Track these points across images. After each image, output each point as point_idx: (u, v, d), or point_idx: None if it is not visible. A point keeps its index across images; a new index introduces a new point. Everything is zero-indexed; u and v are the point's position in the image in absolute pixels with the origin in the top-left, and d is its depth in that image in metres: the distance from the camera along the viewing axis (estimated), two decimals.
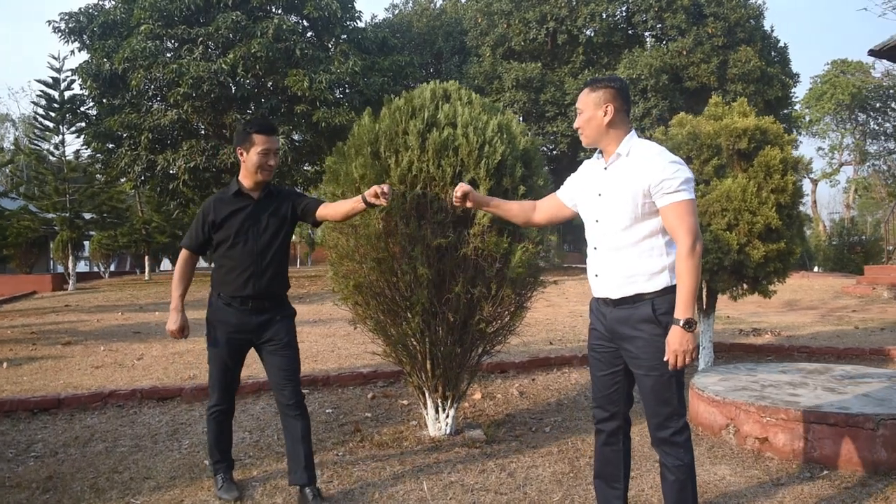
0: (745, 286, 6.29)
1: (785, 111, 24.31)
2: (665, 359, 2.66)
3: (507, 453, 4.27)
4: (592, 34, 23.13)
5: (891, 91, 42.21)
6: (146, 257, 26.41)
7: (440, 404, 4.52)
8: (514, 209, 3.21)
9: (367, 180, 4.05)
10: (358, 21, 21.68)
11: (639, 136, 2.87)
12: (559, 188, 3.21)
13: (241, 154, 3.42)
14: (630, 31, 24.30)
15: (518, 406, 5.45)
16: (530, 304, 4.55)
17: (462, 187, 3.00)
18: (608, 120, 2.79)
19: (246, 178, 3.47)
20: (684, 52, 21.46)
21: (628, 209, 2.73)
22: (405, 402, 5.43)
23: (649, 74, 20.90)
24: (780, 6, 75.51)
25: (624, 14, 23.72)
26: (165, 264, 37.89)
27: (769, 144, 6.09)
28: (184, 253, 3.55)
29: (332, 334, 9.00)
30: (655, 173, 2.66)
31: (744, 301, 7.42)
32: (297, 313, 3.66)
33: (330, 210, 3.48)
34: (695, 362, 6.33)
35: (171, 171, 18.58)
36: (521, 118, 22.08)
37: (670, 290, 2.74)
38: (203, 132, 19.55)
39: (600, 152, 2.92)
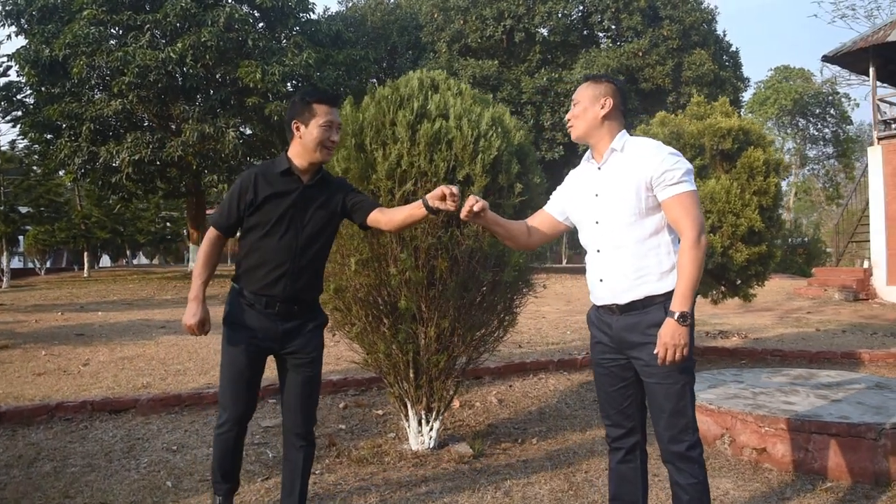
0: (724, 289, 6.16)
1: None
2: (655, 352, 2.49)
3: (498, 469, 3.99)
4: (549, 33, 23.06)
5: (830, 97, 43.50)
6: (85, 253, 25.33)
7: (424, 416, 4.22)
8: (515, 230, 2.92)
9: (352, 175, 3.73)
10: (311, 13, 21.17)
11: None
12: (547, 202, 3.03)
13: (298, 128, 2.85)
14: (585, 32, 24.34)
15: (499, 415, 5.18)
16: (520, 310, 4.29)
17: (480, 201, 2.66)
18: (605, 113, 2.67)
19: (299, 157, 2.88)
20: (640, 54, 21.57)
21: (630, 205, 2.57)
22: (380, 411, 5.11)
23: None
24: (731, 11, 77.32)
25: (580, 14, 23.72)
26: (105, 261, 36.62)
27: (752, 145, 5.97)
28: (211, 232, 2.93)
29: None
30: (656, 165, 2.53)
31: (699, 302, 7.32)
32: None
33: (385, 217, 2.89)
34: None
35: (113, 164, 17.72)
36: None
37: None
38: (148, 124, 18.75)
39: (590, 155, 2.78)
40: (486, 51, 23.52)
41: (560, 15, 22.90)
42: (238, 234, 2.97)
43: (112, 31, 17.84)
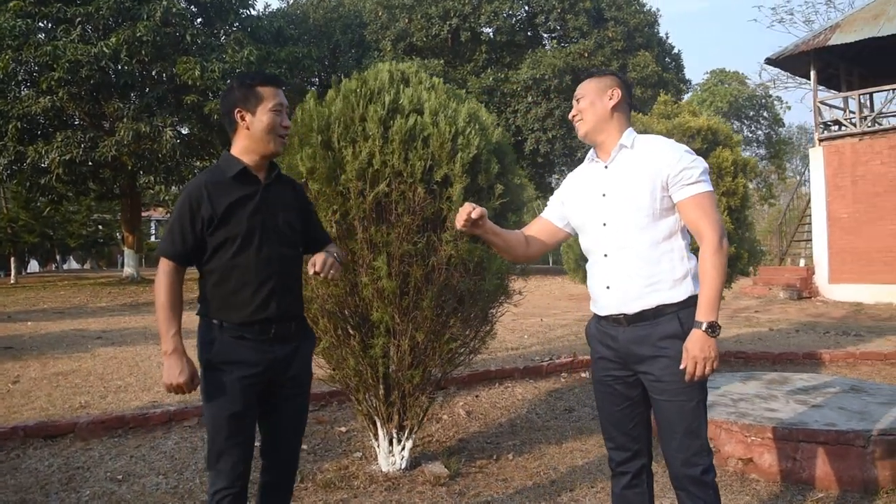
0: None
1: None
2: (682, 366, 2.26)
3: (478, 490, 3.72)
4: (495, 33, 22.95)
5: (763, 100, 44.81)
6: (11, 259, 24.06)
7: (395, 435, 3.91)
8: (513, 241, 2.66)
9: (318, 175, 3.41)
10: (252, 9, 20.55)
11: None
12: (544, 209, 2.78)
13: (242, 116, 2.40)
14: (530, 33, 24.32)
15: (468, 429, 4.91)
16: (496, 320, 4.03)
17: (478, 208, 2.41)
18: (614, 104, 2.46)
19: (249, 152, 2.43)
20: (586, 55, 21.64)
21: (644, 205, 2.36)
22: (343, 428, 4.78)
23: (553, 75, 20.92)
24: (672, 14, 78.98)
25: (526, 14, 23.69)
26: (33, 266, 34.99)
27: (720, 145, 5.85)
28: (165, 266, 2.36)
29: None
30: (673, 163, 2.34)
31: None
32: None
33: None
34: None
35: (42, 165, 16.77)
36: None
37: (694, 302, 2.35)
38: (80, 122, 17.82)
39: (593, 154, 2.57)
40: (431, 50, 23.28)
41: (506, 15, 22.81)
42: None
43: (40, 24, 16.87)
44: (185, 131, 19.11)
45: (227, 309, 2.38)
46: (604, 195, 2.46)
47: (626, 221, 2.39)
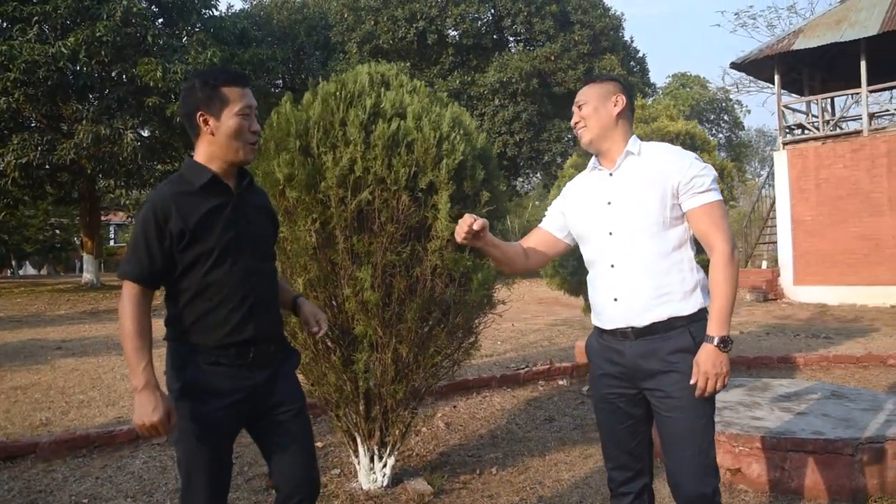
0: None
1: None
2: (692, 382, 2.18)
3: None
4: (461, 36, 22.88)
5: (724, 104, 45.58)
6: None
7: (377, 452, 3.76)
8: (512, 253, 2.54)
9: (297, 182, 3.25)
10: (214, 10, 20.18)
11: None
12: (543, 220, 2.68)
13: (205, 121, 2.15)
14: (495, 36, 24.31)
15: (448, 441, 4.78)
16: (480, 331, 3.91)
17: (479, 219, 2.28)
18: (619, 111, 2.37)
19: (214, 159, 2.18)
20: (552, 58, 21.68)
21: (653, 213, 2.27)
22: (318, 443, 4.61)
23: (520, 78, 20.92)
24: (637, 18, 79.82)
25: (492, 17, 23.66)
26: None
27: (698, 150, 5.81)
28: (131, 290, 2.09)
29: None
30: (683, 170, 2.27)
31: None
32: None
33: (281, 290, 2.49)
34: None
35: None
36: None
37: (704, 315, 2.28)
38: (37, 124, 17.28)
39: (596, 162, 2.47)
40: (398, 52, 23.10)
41: (472, 18, 22.76)
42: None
43: None
44: (146, 134, 18.67)
45: (200, 331, 2.15)
46: (609, 203, 2.37)
47: (633, 230, 2.30)
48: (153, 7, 18.38)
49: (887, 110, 16.10)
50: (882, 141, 14.45)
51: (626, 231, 2.31)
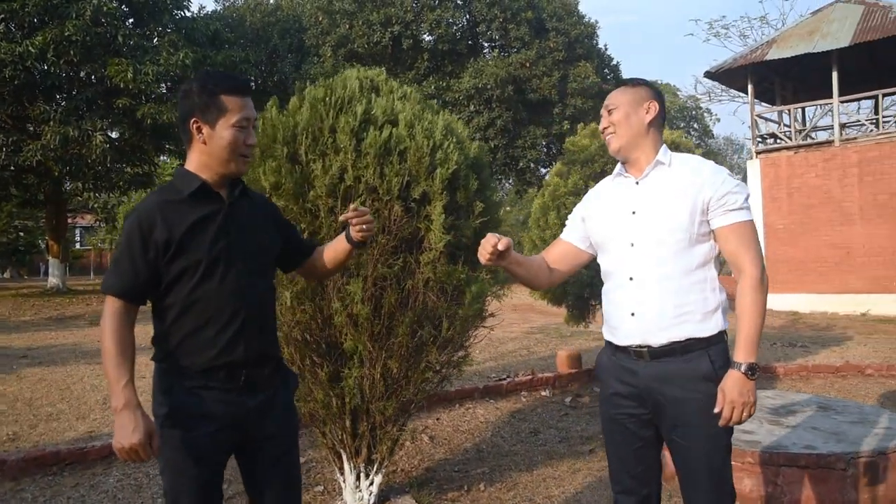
0: None
1: None
2: (716, 410, 2.08)
3: None
4: (436, 41, 22.82)
5: (694, 112, 46.17)
6: None
7: (363, 469, 3.64)
8: (536, 269, 2.45)
9: (284, 191, 3.12)
10: (186, 10, 19.87)
11: None
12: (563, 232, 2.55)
13: (199, 128, 2.01)
14: (470, 42, 24.29)
15: (433, 455, 4.67)
16: (471, 344, 3.80)
17: (503, 239, 2.18)
18: (650, 119, 2.25)
19: (206, 169, 2.04)
20: (528, 65, 21.70)
21: (680, 227, 2.16)
22: (301, 459, 4.45)
23: (495, 84, 20.89)
24: (611, 27, 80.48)
25: (468, 23, 23.64)
26: None
27: None
28: (114, 305, 1.96)
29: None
30: (716, 186, 2.16)
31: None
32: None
33: (319, 261, 2.32)
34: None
35: None
36: None
37: (723, 338, 2.19)
38: (2, 125, 16.85)
39: (622, 169, 2.34)
40: (372, 57, 22.96)
41: (448, 23, 22.70)
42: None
43: None
44: (115, 136, 18.30)
45: (187, 352, 2.00)
46: (633, 213, 2.25)
47: (657, 242, 2.19)
48: (124, 7, 18.02)
49: (858, 121, 16.34)
50: (853, 151, 14.65)
51: (649, 243, 2.20)
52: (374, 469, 3.64)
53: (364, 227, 2.13)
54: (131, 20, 18.37)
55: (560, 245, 2.52)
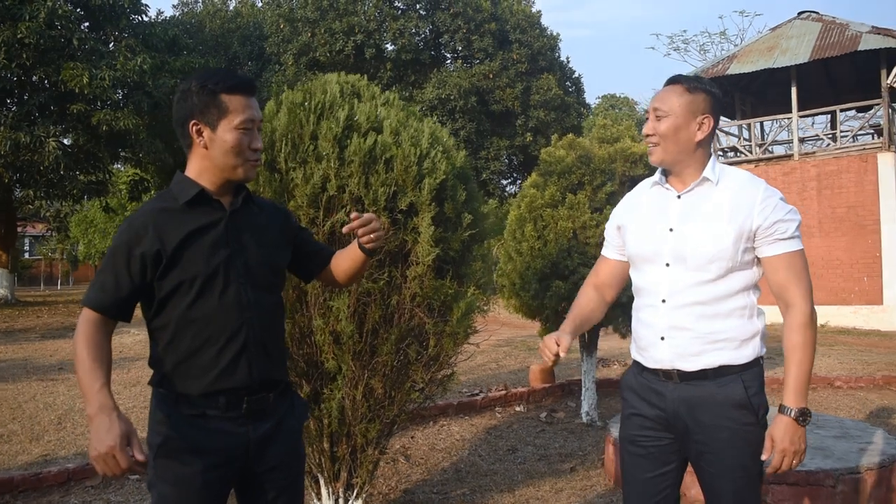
0: (630, 323, 5.84)
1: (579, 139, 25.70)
2: (764, 457, 1.95)
3: None
4: (400, 51, 22.71)
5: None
6: None
7: (342, 495, 3.45)
8: (593, 314, 2.32)
9: None
10: (144, 15, 19.44)
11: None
12: (603, 247, 2.38)
13: (199, 131, 1.83)
14: (433, 53, 24.25)
15: (410, 477, 4.49)
16: (455, 362, 3.65)
17: (563, 339, 2.07)
18: (702, 138, 2.02)
19: (207, 175, 1.86)
20: (491, 76, 21.71)
21: (722, 253, 1.98)
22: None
23: (458, 95, 20.85)
24: (574, 40, 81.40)
25: (432, 33, 23.59)
26: None
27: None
28: (90, 317, 1.77)
29: (136, 381, 7.38)
30: (767, 212, 1.97)
31: (603, 335, 7.02)
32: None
33: (337, 268, 2.11)
34: (584, 412, 5.86)
35: None
36: None
37: (759, 363, 2.05)
38: None
39: (662, 177, 2.14)
40: (335, 66, 22.73)
41: (411, 33, 22.62)
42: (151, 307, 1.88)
43: None
44: (69, 142, 17.74)
45: (183, 376, 1.81)
46: (671, 230, 2.06)
47: (695, 267, 2.02)
48: (79, 10, 17.51)
49: (817, 135, 16.67)
50: (812, 165, 14.92)
51: (686, 266, 2.03)
52: (354, 494, 3.45)
53: (372, 235, 1.94)
54: (87, 24, 17.85)
55: (606, 265, 2.34)
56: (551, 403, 6.60)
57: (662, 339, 2.06)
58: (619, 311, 5.59)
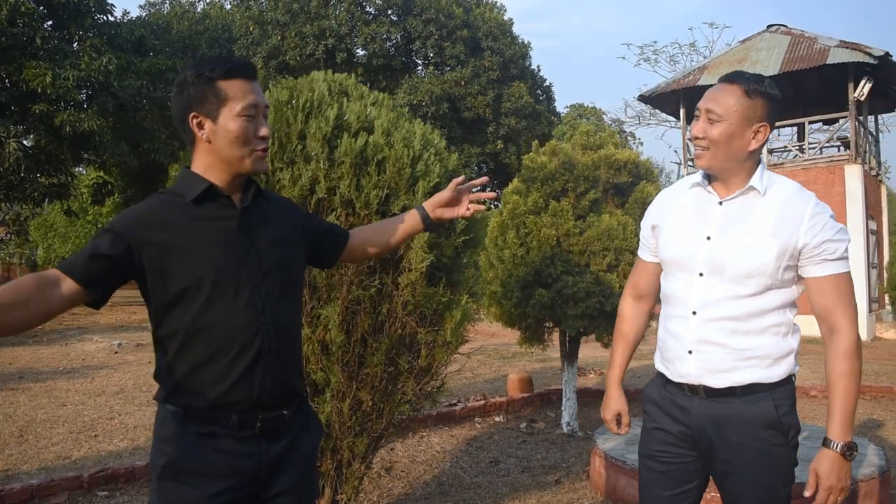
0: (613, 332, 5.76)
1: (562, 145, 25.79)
2: (807, 494, 1.84)
3: None
4: (371, 56, 22.56)
5: (618, 135, 47.38)
6: None
7: None
8: (637, 328, 2.27)
9: None
10: (110, 14, 18.98)
11: None
12: (639, 249, 2.26)
13: (200, 124, 1.67)
14: (404, 59, 24.13)
15: (392, 490, 4.34)
16: (445, 372, 3.52)
17: (623, 414, 2.17)
18: (756, 147, 1.89)
19: (214, 170, 1.70)
20: (462, 83, 21.67)
21: (763, 269, 1.87)
22: None
23: (430, 101, 20.76)
24: (543, 50, 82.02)
25: (403, 39, 23.47)
26: None
27: (643, 179, 5.67)
28: (49, 273, 1.53)
29: (101, 391, 7.11)
30: (815, 230, 1.85)
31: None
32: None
33: (367, 239, 2.04)
34: (565, 422, 5.75)
35: None
36: None
37: (791, 380, 1.95)
38: None
39: (704, 179, 2.00)
40: (305, 69, 22.45)
41: (383, 38, 22.49)
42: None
43: None
44: (30, 143, 17.24)
45: (191, 389, 1.65)
46: (709, 238, 1.94)
47: (732, 280, 1.90)
48: (42, 8, 17.05)
49: (785, 146, 16.89)
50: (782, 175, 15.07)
51: (722, 278, 1.91)
52: None
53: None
54: (50, 22, 17.37)
55: (643, 270, 2.22)
56: (530, 413, 6.49)
57: (690, 352, 1.95)
58: (603, 321, 5.52)
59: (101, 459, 4.51)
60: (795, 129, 17.55)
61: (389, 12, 22.96)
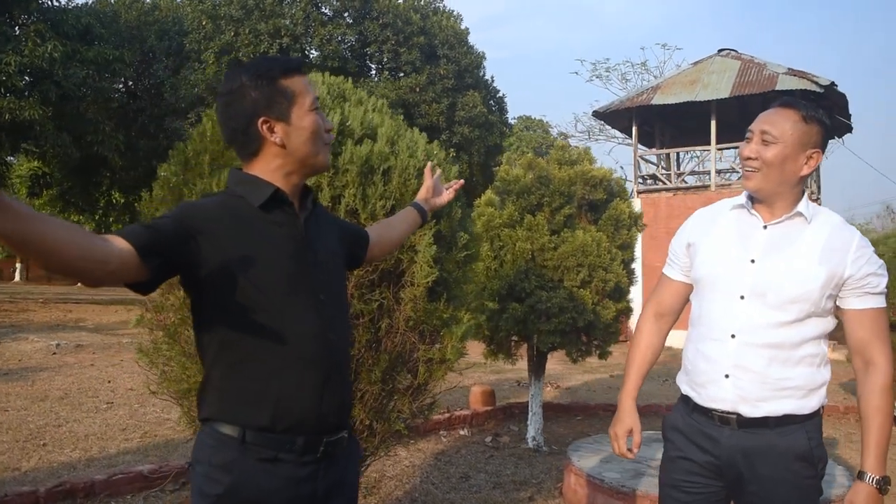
0: (583, 347, 5.77)
1: (500, 157, 25.87)
2: None
3: None
4: (326, 58, 22.27)
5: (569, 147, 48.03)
6: None
7: None
8: (655, 348, 2.22)
9: None
10: (56, 0, 18.29)
11: None
12: (666, 265, 2.21)
13: (271, 129, 1.55)
14: (358, 62, 23.91)
15: None
16: (441, 392, 3.44)
17: (635, 434, 2.14)
18: (807, 173, 1.89)
19: (283, 175, 1.59)
20: (417, 89, 21.59)
21: (808, 298, 1.85)
22: None
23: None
24: (494, 60, 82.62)
25: (359, 42, 23.25)
26: None
27: (616, 197, 5.70)
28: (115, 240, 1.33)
29: (44, 395, 6.74)
30: (861, 262, 1.87)
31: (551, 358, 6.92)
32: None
33: (380, 240, 2.00)
34: (530, 437, 5.71)
35: None
36: None
37: (819, 413, 1.94)
38: None
39: (748, 202, 1.97)
40: None
41: (339, 40, 22.25)
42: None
43: None
44: None
45: (255, 408, 1.49)
46: (753, 261, 1.92)
47: (776, 306, 1.88)
48: None
49: (732, 167, 17.36)
50: (728, 196, 15.47)
51: (765, 302, 1.89)
52: None
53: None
54: None
55: (670, 287, 2.18)
56: (494, 427, 6.44)
57: (727, 376, 1.92)
58: (575, 336, 5.51)
59: (54, 471, 4.25)
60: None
61: (346, 15, 22.72)
